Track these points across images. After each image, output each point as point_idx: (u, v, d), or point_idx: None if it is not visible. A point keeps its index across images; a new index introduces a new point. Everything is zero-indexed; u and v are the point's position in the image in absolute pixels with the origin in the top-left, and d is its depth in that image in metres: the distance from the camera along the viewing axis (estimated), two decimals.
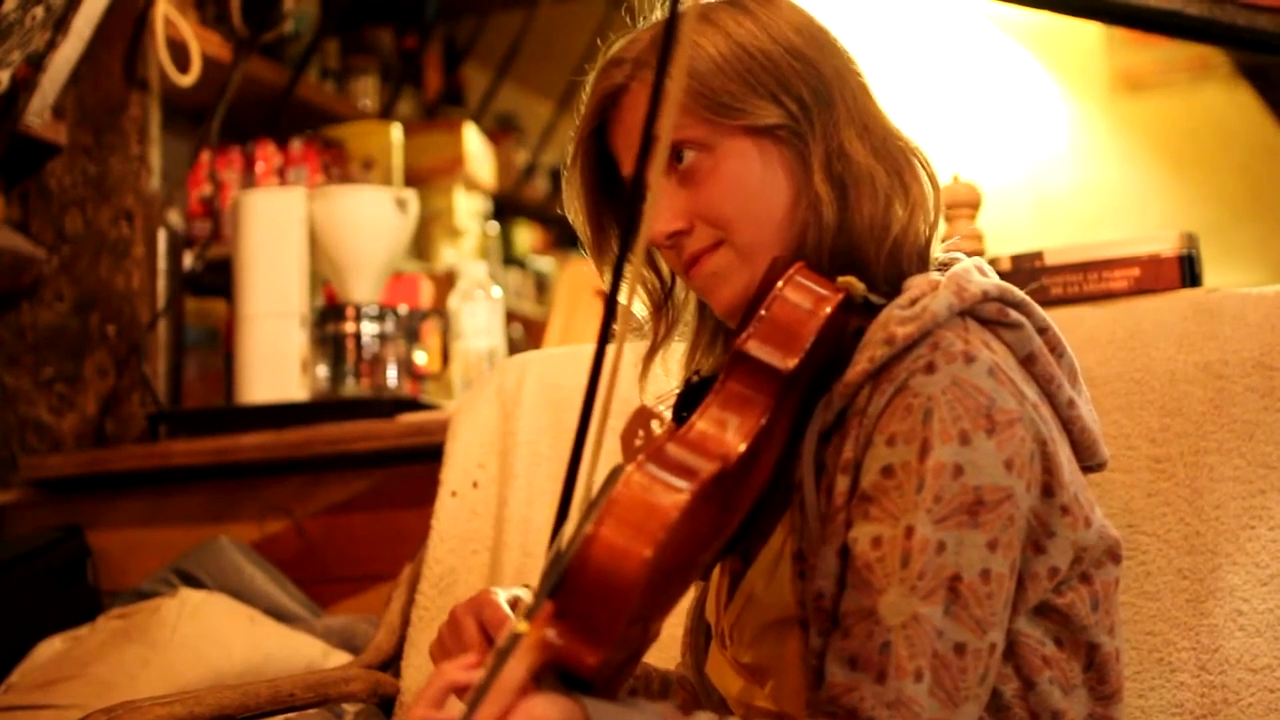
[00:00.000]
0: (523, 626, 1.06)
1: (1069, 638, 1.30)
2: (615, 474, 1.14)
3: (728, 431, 1.21)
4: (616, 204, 1.44)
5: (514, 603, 1.30)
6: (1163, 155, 4.34)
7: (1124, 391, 1.70)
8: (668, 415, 1.34)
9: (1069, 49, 4.40)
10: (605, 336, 1.11)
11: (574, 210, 1.44)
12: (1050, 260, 1.90)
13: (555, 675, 1.10)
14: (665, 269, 1.46)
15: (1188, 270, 1.85)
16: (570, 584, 1.08)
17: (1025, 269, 1.89)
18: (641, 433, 1.20)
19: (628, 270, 1.10)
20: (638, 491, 1.11)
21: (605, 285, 1.46)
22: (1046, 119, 4.39)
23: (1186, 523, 1.64)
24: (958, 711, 1.17)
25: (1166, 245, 1.85)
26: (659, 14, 1.41)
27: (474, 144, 3.96)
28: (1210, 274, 1.92)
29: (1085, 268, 1.88)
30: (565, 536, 1.12)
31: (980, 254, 1.93)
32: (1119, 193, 4.34)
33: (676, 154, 1.34)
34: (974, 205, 1.98)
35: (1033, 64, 4.38)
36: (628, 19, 1.44)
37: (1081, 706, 1.30)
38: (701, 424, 1.22)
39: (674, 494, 1.12)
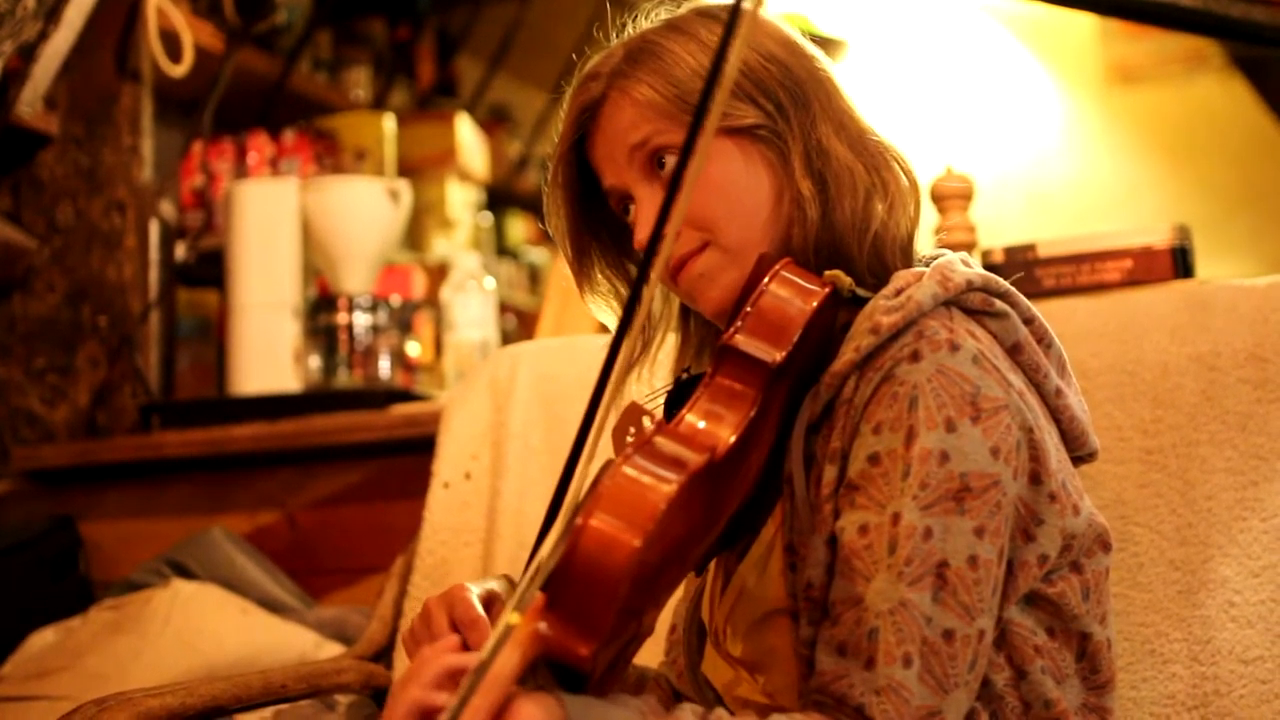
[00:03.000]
0: (514, 618, 1.06)
1: (1061, 627, 1.30)
2: (606, 469, 1.14)
3: (716, 424, 1.22)
4: (598, 217, 1.46)
5: (487, 598, 1.29)
6: (1156, 147, 4.34)
7: (1116, 383, 1.70)
8: (658, 412, 1.34)
9: (1062, 41, 4.39)
10: (609, 370, 1.11)
11: (555, 226, 1.46)
12: (1043, 252, 1.90)
13: (547, 668, 1.10)
14: None
15: (1180, 262, 1.85)
16: (560, 575, 1.09)
17: (1018, 261, 1.89)
18: (633, 429, 1.21)
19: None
20: (626, 483, 1.12)
21: (583, 296, 1.48)
22: (1040, 111, 4.39)
23: (1178, 514, 1.65)
24: (948, 698, 1.18)
25: (1159, 237, 1.86)
26: (640, 21, 1.43)
27: (467, 135, 3.96)
28: (1203, 266, 1.93)
29: (1078, 259, 1.88)
30: (554, 530, 1.12)
31: (973, 246, 1.93)
32: (1112, 185, 4.34)
33: (658, 159, 1.36)
34: (967, 197, 1.98)
35: (1026, 56, 4.38)
36: (608, 30, 1.44)
37: (1074, 696, 1.31)
38: (690, 417, 1.23)
39: (662, 485, 1.12)
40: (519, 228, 4.83)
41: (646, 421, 1.21)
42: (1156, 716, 1.59)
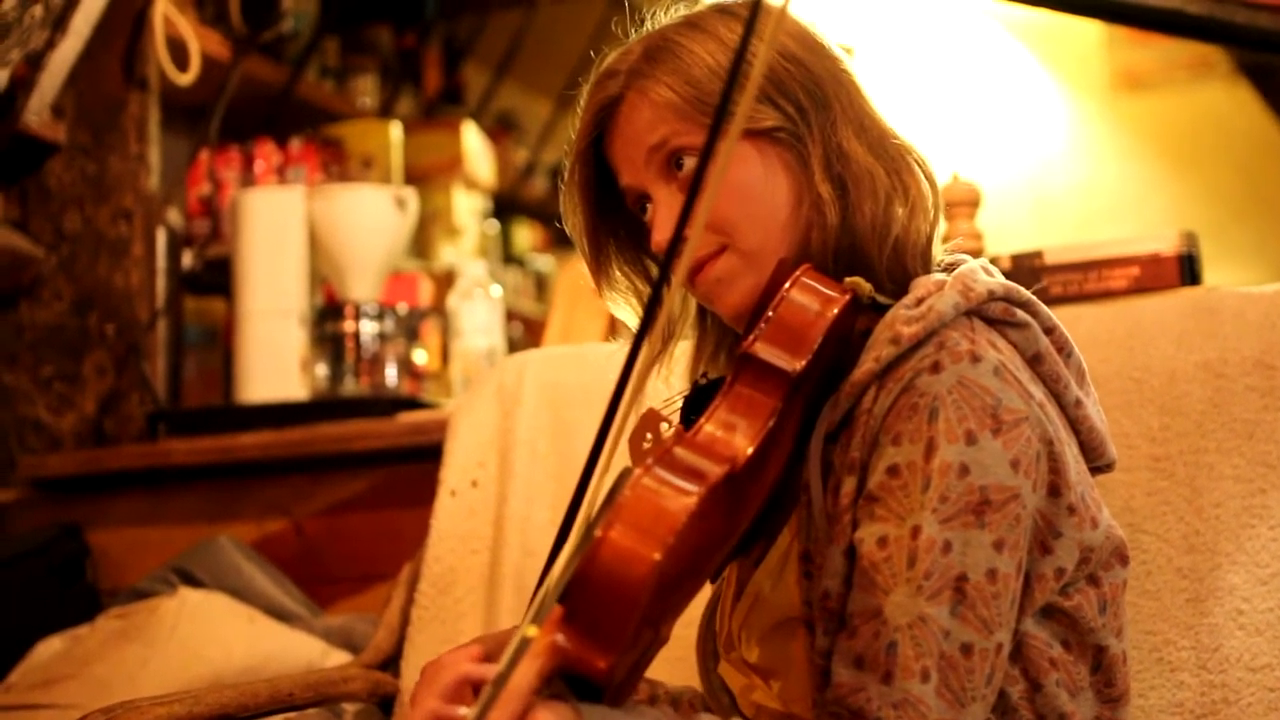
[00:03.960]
0: (532, 630, 1.05)
1: (1076, 640, 1.29)
2: (624, 477, 1.14)
3: (735, 434, 1.21)
4: (615, 215, 1.44)
5: (483, 659, 1.25)
6: (1163, 154, 4.34)
7: (1124, 390, 1.70)
8: (675, 418, 1.33)
9: (1069, 47, 4.39)
10: (628, 372, 1.11)
11: (572, 224, 1.44)
12: (1050, 259, 1.90)
13: (563, 680, 1.10)
14: None
15: (1187, 269, 1.85)
16: (579, 588, 1.08)
17: (1025, 268, 1.89)
18: (649, 435, 1.20)
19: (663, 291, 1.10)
20: (646, 495, 1.11)
21: (601, 294, 1.47)
22: (1046, 118, 4.39)
23: (1186, 522, 1.64)
24: (965, 712, 1.17)
25: (1166, 244, 1.85)
26: (659, 16, 1.41)
27: (473, 143, 3.96)
28: (1210, 272, 1.92)
29: (1085, 267, 1.87)
30: (571, 540, 1.12)
31: (980, 253, 1.93)
32: (1119, 191, 4.33)
33: (677, 160, 1.34)
34: (974, 204, 1.98)
35: (1033, 62, 4.37)
36: (623, 29, 1.43)
37: (1089, 709, 1.30)
38: (709, 426, 1.22)
39: (683, 497, 1.11)
40: (525, 235, 4.84)
41: (664, 428, 1.21)
42: None
